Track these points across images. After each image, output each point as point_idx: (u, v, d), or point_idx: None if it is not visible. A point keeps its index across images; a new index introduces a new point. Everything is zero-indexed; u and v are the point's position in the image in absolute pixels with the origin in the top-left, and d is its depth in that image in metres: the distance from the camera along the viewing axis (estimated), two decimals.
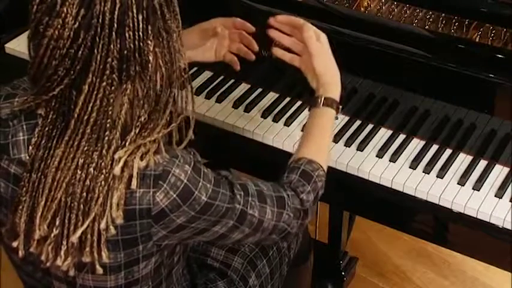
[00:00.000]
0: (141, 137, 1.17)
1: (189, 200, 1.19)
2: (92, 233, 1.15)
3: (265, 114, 1.84)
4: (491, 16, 1.70)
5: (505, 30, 1.69)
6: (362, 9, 1.83)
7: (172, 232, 1.22)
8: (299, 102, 1.87)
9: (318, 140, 1.49)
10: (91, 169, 1.14)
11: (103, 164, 1.14)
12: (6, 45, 2.05)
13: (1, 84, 1.30)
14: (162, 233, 1.21)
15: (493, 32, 1.70)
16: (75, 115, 1.14)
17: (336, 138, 1.76)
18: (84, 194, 1.14)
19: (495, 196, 1.62)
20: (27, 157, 1.19)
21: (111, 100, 1.14)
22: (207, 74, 1.98)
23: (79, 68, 1.12)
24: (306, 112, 1.85)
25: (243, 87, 1.94)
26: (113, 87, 1.13)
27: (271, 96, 1.90)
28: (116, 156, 1.14)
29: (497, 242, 1.59)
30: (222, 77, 1.96)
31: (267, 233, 1.33)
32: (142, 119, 1.17)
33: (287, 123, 1.82)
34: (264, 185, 1.35)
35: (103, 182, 1.14)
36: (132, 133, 1.16)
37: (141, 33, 1.12)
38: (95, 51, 1.11)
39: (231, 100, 1.89)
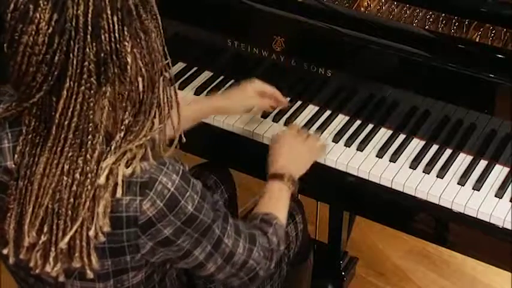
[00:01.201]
0: (126, 141, 1.15)
1: (175, 209, 1.18)
2: (80, 238, 1.14)
3: (265, 114, 1.84)
4: (491, 16, 1.70)
5: (505, 30, 1.69)
6: (362, 9, 1.83)
7: (159, 245, 1.21)
8: (299, 102, 1.87)
9: (271, 205, 1.52)
10: (77, 175, 1.13)
11: (88, 168, 1.13)
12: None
13: (1, 84, 1.30)
14: (149, 245, 1.20)
15: (493, 32, 1.70)
16: (56, 121, 1.12)
17: (336, 138, 1.76)
18: (72, 199, 1.13)
19: (495, 196, 1.62)
20: (13, 165, 1.18)
21: (91, 104, 1.12)
22: (207, 74, 1.98)
23: (56, 74, 1.10)
24: (306, 112, 1.85)
25: None
26: (92, 91, 1.11)
27: None
28: (104, 165, 1.13)
29: (497, 242, 1.59)
30: (222, 77, 1.96)
31: (236, 267, 1.33)
32: (127, 121, 1.15)
33: (287, 124, 1.81)
34: (238, 221, 1.37)
35: (89, 187, 1.13)
36: (117, 137, 1.15)
37: (117, 35, 1.10)
38: (71, 55, 1.09)
39: None
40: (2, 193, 1.20)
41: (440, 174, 1.66)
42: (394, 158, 1.71)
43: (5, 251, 1.20)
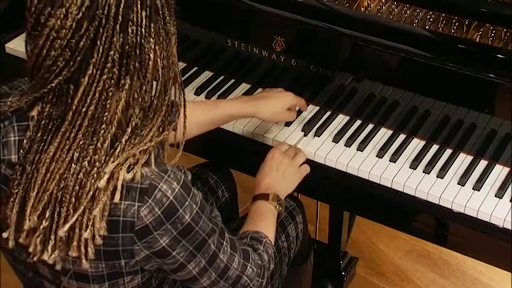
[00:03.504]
0: (131, 144, 1.16)
1: (172, 218, 1.18)
2: (80, 227, 1.14)
3: None
4: (491, 16, 1.70)
5: (505, 30, 1.69)
6: (362, 9, 1.83)
7: (155, 255, 1.21)
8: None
9: (258, 224, 1.52)
10: (85, 163, 1.13)
11: (97, 157, 1.13)
12: (7, 45, 2.05)
13: (1, 84, 1.30)
14: (144, 253, 1.20)
15: (493, 32, 1.70)
16: (73, 107, 1.13)
17: (336, 138, 1.76)
18: (77, 187, 1.13)
19: (495, 196, 1.62)
20: (16, 159, 1.18)
21: (110, 94, 1.13)
22: (207, 74, 1.98)
23: (79, 59, 1.11)
24: (305, 112, 1.85)
25: (243, 87, 1.94)
26: (112, 81, 1.12)
27: None
28: (106, 170, 1.13)
29: (497, 242, 1.59)
30: (222, 77, 1.96)
31: (230, 282, 1.33)
32: (134, 123, 1.16)
33: (287, 124, 1.82)
34: (234, 237, 1.37)
35: (95, 175, 1.13)
36: (123, 139, 1.15)
37: (143, 30, 1.12)
38: (98, 42, 1.10)
39: None
40: (4, 185, 1.20)
41: (441, 174, 1.66)
42: (394, 158, 1.71)
43: (4, 235, 1.20)
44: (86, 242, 1.15)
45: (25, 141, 1.17)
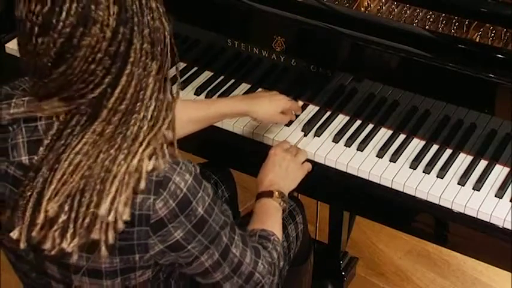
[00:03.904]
0: (152, 131, 1.16)
1: (186, 210, 1.18)
2: (105, 212, 1.13)
3: None
4: (491, 16, 1.70)
5: (505, 30, 1.69)
6: (362, 9, 1.83)
7: (169, 249, 1.21)
8: (300, 103, 1.87)
9: (265, 222, 1.53)
10: (112, 150, 1.13)
11: (126, 145, 1.14)
12: (7, 45, 2.05)
13: (1, 84, 1.30)
14: (159, 247, 1.20)
15: (493, 32, 1.70)
16: (109, 105, 1.13)
17: (336, 138, 1.76)
18: (102, 174, 1.13)
19: (495, 196, 1.62)
20: (27, 160, 1.18)
21: (144, 84, 1.14)
22: (207, 74, 1.98)
23: (120, 64, 1.11)
24: (305, 112, 1.85)
25: (243, 87, 1.94)
26: (145, 72, 1.14)
27: None
28: (137, 154, 1.13)
29: (497, 242, 1.59)
30: (222, 77, 1.96)
31: (243, 278, 1.34)
32: (152, 109, 1.16)
33: (287, 124, 1.82)
34: (244, 233, 1.38)
35: (122, 161, 1.13)
36: (145, 121, 1.15)
37: (156, 13, 1.14)
38: (134, 41, 1.11)
39: None
40: (16, 189, 1.19)
41: (441, 174, 1.66)
42: (394, 158, 1.71)
43: (14, 235, 1.18)
44: (107, 226, 1.14)
45: (49, 137, 1.16)
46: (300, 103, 1.84)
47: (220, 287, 1.34)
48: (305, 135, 1.79)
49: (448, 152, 1.72)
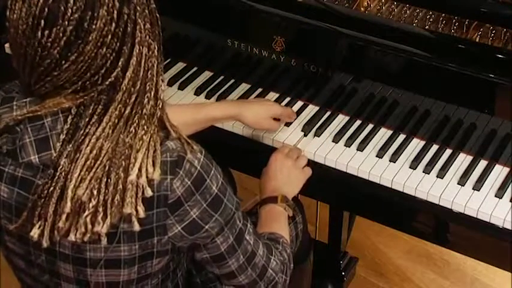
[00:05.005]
0: (162, 108, 1.19)
1: (201, 188, 1.20)
2: (131, 186, 1.15)
3: None
4: (491, 16, 1.70)
5: (505, 30, 1.69)
6: (362, 9, 1.83)
7: (187, 231, 1.22)
8: (300, 103, 1.87)
9: (272, 226, 1.53)
10: (132, 128, 1.15)
11: (143, 121, 1.16)
12: (6, 45, 2.05)
13: (1, 84, 1.29)
14: (177, 228, 1.21)
15: (493, 32, 1.71)
16: (123, 88, 1.14)
17: (336, 138, 1.76)
18: (126, 150, 1.14)
19: (495, 196, 1.62)
20: (37, 159, 1.17)
21: (150, 64, 1.16)
22: (207, 74, 1.98)
23: (130, 45, 1.13)
24: (305, 112, 1.85)
25: (243, 87, 1.94)
26: (150, 52, 1.16)
27: (272, 96, 1.90)
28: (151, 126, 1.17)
29: (497, 242, 1.59)
30: (222, 77, 1.96)
31: (257, 272, 1.35)
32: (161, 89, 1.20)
33: (287, 124, 1.82)
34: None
35: (144, 137, 1.15)
36: (156, 100, 1.18)
37: None
38: (138, 21, 1.13)
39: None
40: (24, 191, 1.19)
41: (440, 174, 1.66)
42: (394, 158, 1.71)
43: (34, 234, 1.17)
44: (137, 198, 1.15)
45: (65, 131, 1.16)
46: (294, 110, 1.84)
47: (236, 280, 1.35)
48: (305, 135, 1.79)
49: (448, 152, 1.72)
